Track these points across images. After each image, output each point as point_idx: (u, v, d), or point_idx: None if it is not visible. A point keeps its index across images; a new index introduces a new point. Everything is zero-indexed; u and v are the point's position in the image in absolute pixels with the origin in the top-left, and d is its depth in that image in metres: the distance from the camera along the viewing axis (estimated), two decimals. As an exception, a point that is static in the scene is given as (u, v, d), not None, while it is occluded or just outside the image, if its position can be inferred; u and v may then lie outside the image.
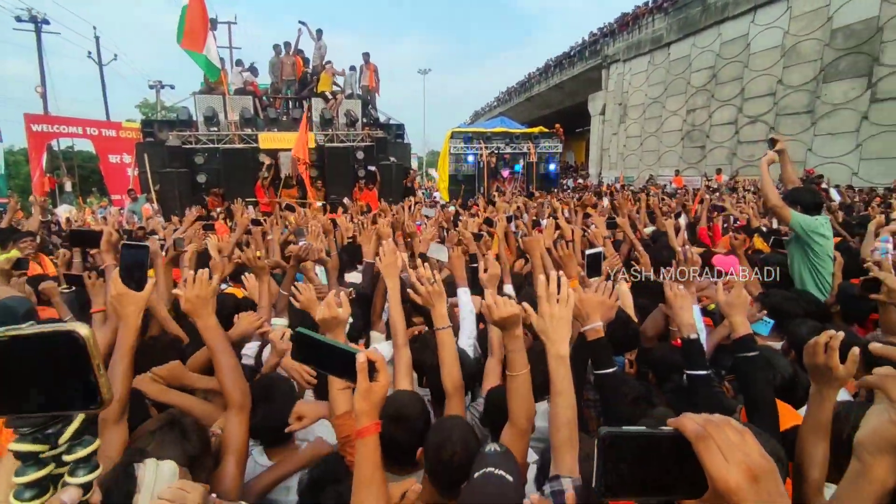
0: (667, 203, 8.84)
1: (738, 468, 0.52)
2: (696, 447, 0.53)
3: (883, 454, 0.60)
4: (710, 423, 0.55)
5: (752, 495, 0.51)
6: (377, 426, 1.09)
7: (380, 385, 1.08)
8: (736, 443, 0.53)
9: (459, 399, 1.73)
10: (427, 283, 1.83)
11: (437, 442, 1.42)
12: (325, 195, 12.73)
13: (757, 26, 17.07)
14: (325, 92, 13.62)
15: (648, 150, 23.36)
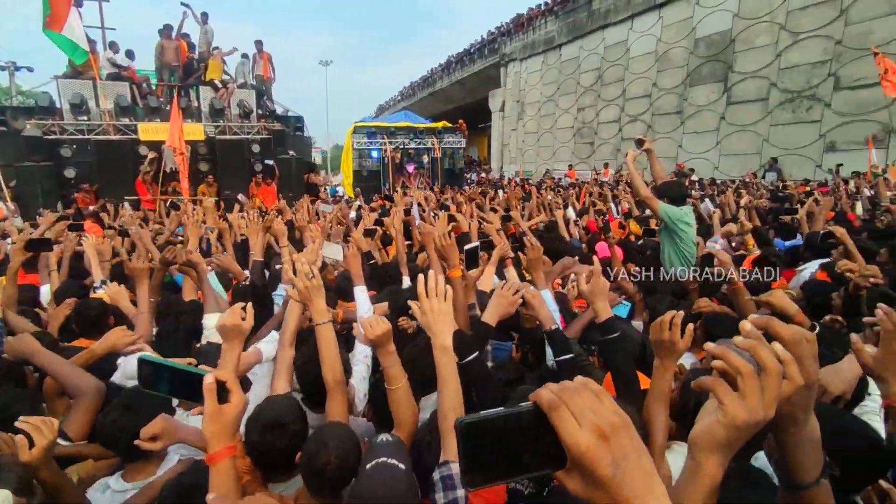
0: (559, 195, 9.42)
1: (589, 429, 0.52)
2: (550, 416, 0.53)
3: (712, 452, 0.66)
4: (564, 390, 0.54)
5: (605, 453, 0.51)
6: (230, 450, 1.04)
7: (232, 406, 1.03)
8: (589, 405, 0.54)
9: (342, 393, 1.73)
10: (305, 278, 1.79)
11: (312, 450, 1.40)
12: (219, 191, 11.92)
13: (635, 33, 18.69)
14: (215, 80, 12.71)
15: (544, 145, 24.68)
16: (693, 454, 0.68)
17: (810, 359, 0.67)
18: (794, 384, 0.62)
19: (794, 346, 0.65)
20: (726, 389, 0.64)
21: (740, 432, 0.63)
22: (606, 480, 0.51)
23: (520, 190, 10.60)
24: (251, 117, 12.95)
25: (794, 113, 13.62)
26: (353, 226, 5.72)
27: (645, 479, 0.53)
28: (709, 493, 0.68)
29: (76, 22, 10.16)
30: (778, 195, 8.27)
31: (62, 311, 2.78)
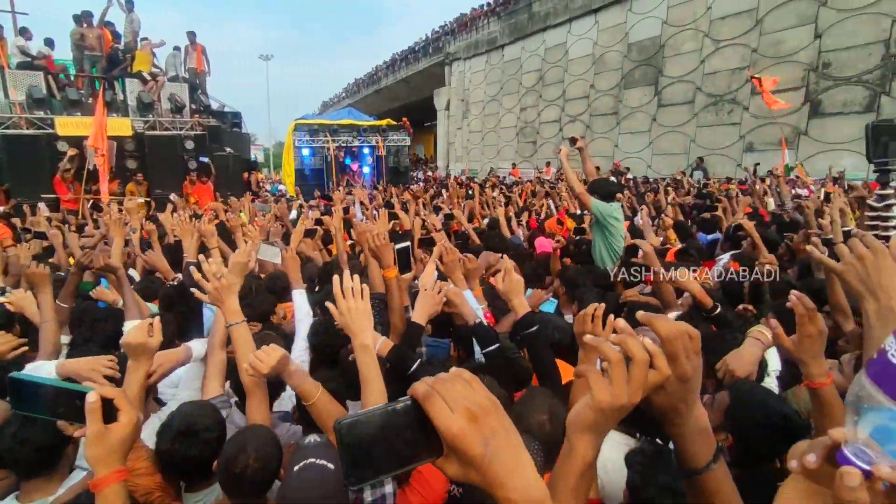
0: (502, 193, 9.61)
1: (461, 413, 0.55)
2: (425, 406, 0.56)
3: (583, 433, 0.71)
4: (437, 381, 0.58)
5: (475, 434, 0.55)
6: (118, 475, 0.94)
7: (120, 426, 0.93)
8: (461, 392, 0.57)
9: (263, 393, 1.69)
10: (214, 278, 1.73)
11: (230, 454, 1.36)
12: (149, 190, 11.26)
13: (573, 36, 19.34)
14: (143, 72, 11.97)
15: (489, 144, 25.07)
16: (567, 436, 0.74)
17: (689, 353, 0.71)
18: (661, 374, 0.67)
19: (669, 342, 0.70)
20: (597, 377, 0.68)
21: (606, 415, 0.68)
22: (478, 458, 0.55)
23: (460, 189, 10.71)
24: (184, 112, 12.30)
25: (717, 115, 14.60)
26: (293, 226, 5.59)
27: (513, 454, 0.57)
28: (581, 472, 0.72)
29: (-20, 5, 9.29)
30: (701, 192, 8.84)
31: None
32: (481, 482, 0.56)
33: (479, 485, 0.57)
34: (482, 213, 7.08)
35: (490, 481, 0.56)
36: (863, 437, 0.49)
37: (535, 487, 0.58)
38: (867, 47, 11.32)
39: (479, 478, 0.56)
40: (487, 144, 25.17)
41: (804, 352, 1.30)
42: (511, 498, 0.56)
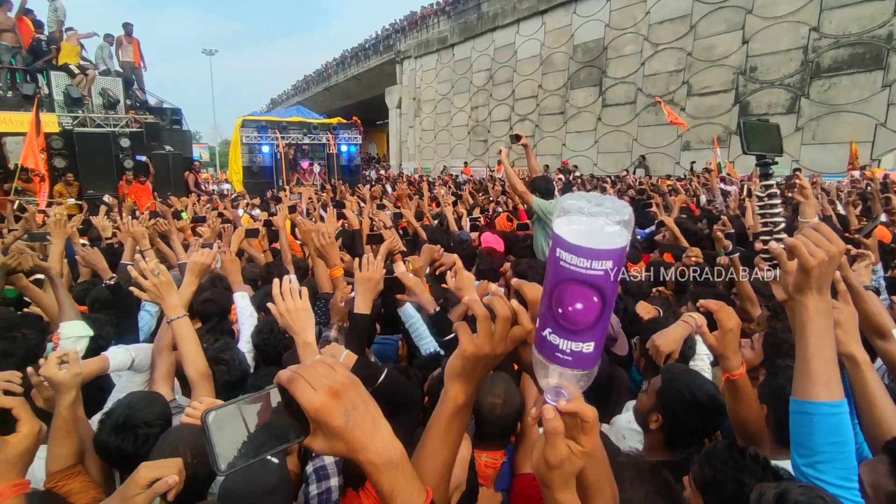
0: (450, 192, 9.69)
1: (322, 391, 0.61)
2: (290, 389, 0.61)
3: (453, 379, 0.79)
4: (300, 367, 0.63)
5: (337, 408, 0.61)
6: (15, 489, 0.91)
7: (20, 436, 0.90)
8: (323, 373, 0.63)
9: (208, 387, 1.69)
10: (152, 275, 1.72)
11: (165, 452, 1.30)
12: (80, 190, 10.60)
13: (521, 37, 19.73)
14: (70, 65, 11.24)
15: (441, 142, 25.19)
16: (444, 382, 0.82)
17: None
18: (524, 329, 0.75)
19: (533, 304, 0.78)
20: (464, 329, 0.75)
21: (471, 362, 0.75)
22: (340, 429, 0.61)
23: (407, 186, 10.72)
24: (117, 108, 11.66)
25: (657, 115, 15.28)
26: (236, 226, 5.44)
27: (372, 422, 0.64)
28: (451, 414, 0.80)
29: None
30: (640, 188, 9.26)
31: None
32: (345, 450, 0.62)
33: (343, 454, 0.62)
34: (433, 210, 7.12)
35: (352, 447, 0.62)
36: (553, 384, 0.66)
37: (392, 448, 0.64)
38: (788, 53, 12.20)
39: (342, 446, 0.62)
40: (440, 143, 25.28)
41: (726, 346, 1.43)
42: (371, 459, 0.62)
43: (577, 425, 0.66)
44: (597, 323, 0.61)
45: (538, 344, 0.66)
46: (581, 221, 0.58)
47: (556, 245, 0.60)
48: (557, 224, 0.60)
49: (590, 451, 0.67)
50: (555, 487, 0.69)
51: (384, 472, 0.63)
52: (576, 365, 0.63)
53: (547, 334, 0.64)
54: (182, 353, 1.70)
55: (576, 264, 0.58)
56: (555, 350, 0.63)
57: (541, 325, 0.65)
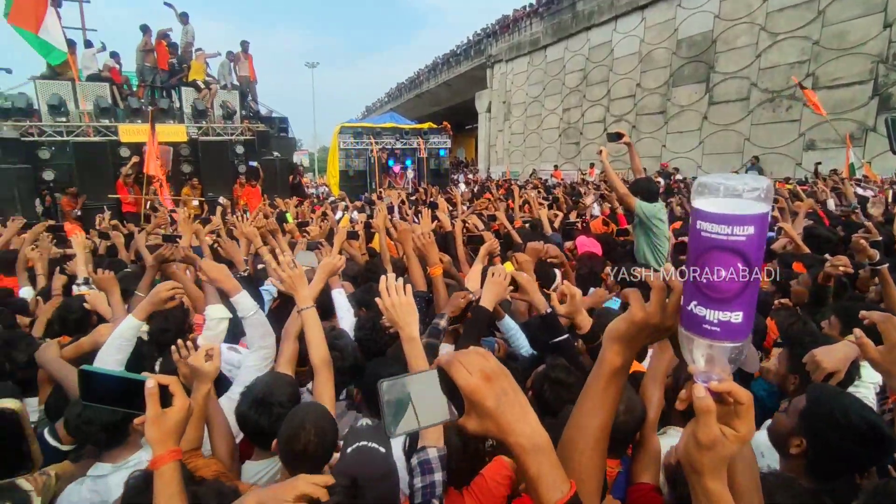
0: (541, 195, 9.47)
1: (476, 374, 0.67)
2: (448, 370, 0.68)
3: (613, 342, 0.81)
4: (457, 353, 0.71)
5: (490, 390, 0.67)
6: (173, 454, 1.03)
7: (175, 410, 1.03)
8: (477, 360, 0.69)
9: (328, 373, 1.80)
10: (288, 268, 1.91)
11: (289, 432, 1.42)
12: (202, 192, 11.79)
13: (618, 34, 18.87)
14: (198, 81, 12.57)
15: (531, 146, 24.80)
16: (603, 344, 0.84)
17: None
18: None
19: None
20: (637, 295, 0.78)
21: (636, 328, 0.78)
22: (492, 410, 0.67)
23: (499, 190, 10.64)
24: (234, 118, 12.82)
25: (774, 112, 13.85)
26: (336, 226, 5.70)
27: (521, 409, 0.69)
28: (608, 376, 0.82)
29: (53, 23, 9.99)
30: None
31: (48, 311, 2.87)
32: (496, 431, 0.68)
33: (493, 434, 0.68)
34: (524, 214, 6.99)
35: (502, 429, 0.68)
36: (702, 361, 0.66)
37: (539, 434, 0.69)
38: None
39: (493, 426, 0.68)
40: (529, 146, 24.91)
41: (893, 363, 1.26)
42: (520, 442, 0.68)
43: (729, 412, 0.66)
44: (743, 291, 0.61)
45: (685, 320, 0.67)
46: (720, 191, 0.60)
47: (695, 218, 0.62)
48: (695, 198, 0.62)
49: (744, 436, 0.66)
50: (705, 472, 0.67)
51: (531, 455, 0.67)
52: (725, 336, 0.63)
53: (692, 307, 0.65)
54: (309, 340, 1.84)
55: (717, 232, 0.60)
56: (702, 322, 0.64)
57: (685, 300, 0.67)
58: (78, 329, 2.59)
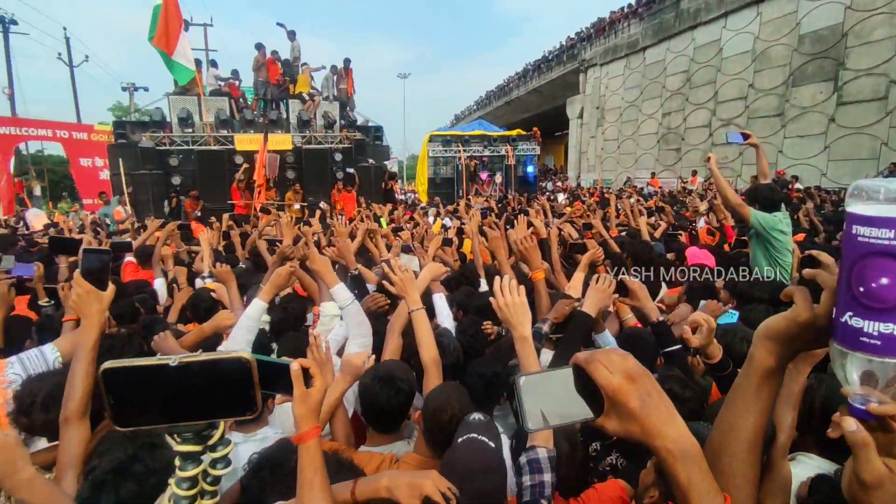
0: (639, 203, 8.97)
1: (619, 374, 0.66)
2: (587, 369, 0.67)
3: (765, 339, 0.75)
4: (597, 352, 0.69)
5: (633, 390, 0.65)
6: (317, 430, 1.12)
7: (316, 389, 1.10)
8: (618, 360, 0.67)
9: (438, 371, 1.89)
10: (399, 272, 2.03)
11: (436, 404, 1.55)
12: (304, 197, 12.60)
13: (729, 31, 17.49)
14: (303, 93, 13.49)
15: (626, 152, 23.71)
16: (752, 344, 0.78)
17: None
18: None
19: None
20: (805, 294, 0.71)
21: (799, 328, 0.71)
22: (636, 412, 0.65)
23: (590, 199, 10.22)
24: (334, 127, 13.58)
25: (921, 112, 12.05)
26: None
27: (667, 412, 0.67)
28: (759, 377, 0.76)
29: (184, 45, 11.25)
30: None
31: (181, 300, 3.24)
32: (639, 433, 0.65)
33: (637, 436, 0.66)
34: (621, 222, 6.65)
35: (647, 431, 0.65)
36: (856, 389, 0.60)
37: (688, 438, 0.66)
38: None
39: (637, 428, 0.65)
40: (624, 153, 23.84)
41: None
42: (666, 446, 0.65)
43: (894, 441, 0.59)
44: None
45: (838, 334, 0.63)
46: (879, 194, 0.57)
47: (850, 223, 0.59)
48: (850, 203, 0.59)
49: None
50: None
51: (680, 461, 0.64)
52: (887, 351, 0.58)
53: (848, 318, 0.60)
54: (419, 340, 1.94)
55: (877, 237, 0.56)
56: (859, 335, 0.59)
57: (839, 311, 0.62)
58: (207, 316, 2.80)
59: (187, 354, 0.67)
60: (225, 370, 0.70)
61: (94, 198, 15.36)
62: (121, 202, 11.59)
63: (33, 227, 10.64)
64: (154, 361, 0.68)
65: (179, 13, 11.20)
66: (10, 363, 1.78)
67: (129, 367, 0.69)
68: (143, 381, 0.69)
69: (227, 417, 0.75)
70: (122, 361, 0.68)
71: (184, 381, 0.69)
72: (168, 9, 10.63)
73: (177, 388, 0.69)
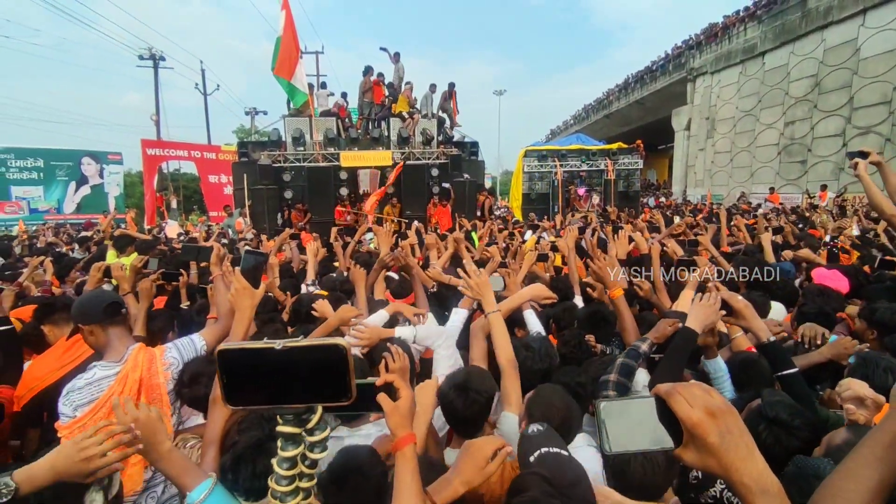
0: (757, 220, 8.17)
1: (699, 409, 0.67)
2: (668, 402, 0.69)
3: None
4: (679, 385, 0.70)
5: (713, 427, 0.66)
6: (411, 437, 1.17)
7: (404, 400, 1.16)
8: (700, 394, 0.68)
9: (515, 373, 1.92)
10: (475, 275, 2.12)
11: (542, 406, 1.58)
12: (401, 211, 13.10)
13: (868, 30, 15.51)
14: (402, 112, 14.14)
15: (739, 165, 21.79)
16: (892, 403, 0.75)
17: None
18: None
19: None
20: None
21: None
22: (715, 447, 0.66)
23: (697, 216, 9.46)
24: (432, 144, 14.02)
25: None
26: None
27: (747, 449, 0.67)
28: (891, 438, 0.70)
29: (300, 72, 12.35)
30: None
31: (288, 303, 3.53)
32: (717, 467, 0.66)
33: (714, 471, 0.67)
34: (734, 239, 6.10)
35: (726, 466, 0.66)
36: None
37: (768, 476, 0.66)
38: None
39: (715, 463, 0.66)
40: (737, 166, 21.91)
41: None
42: (745, 482, 0.65)
43: None
44: None
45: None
46: None
47: None
48: None
49: None
50: None
51: (759, 497, 0.64)
52: None
53: None
54: (495, 342, 1.99)
55: None
56: None
57: None
58: (307, 320, 3.03)
59: (291, 339, 0.71)
60: (323, 356, 0.73)
61: (219, 210, 17.23)
62: (241, 214, 12.88)
63: (168, 236, 12.17)
64: (262, 345, 0.72)
65: (298, 44, 12.34)
66: (168, 348, 2.08)
67: (240, 350, 0.73)
68: (252, 362, 0.73)
69: (324, 402, 0.77)
70: (236, 343, 0.74)
71: (287, 365, 0.72)
72: (287, 40, 11.75)
73: (280, 371, 0.73)
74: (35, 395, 2.37)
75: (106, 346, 1.95)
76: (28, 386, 2.39)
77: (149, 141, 19.42)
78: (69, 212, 21.60)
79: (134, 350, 1.97)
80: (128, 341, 2.02)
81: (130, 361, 1.92)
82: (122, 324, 2.02)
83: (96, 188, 22.59)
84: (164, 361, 2.00)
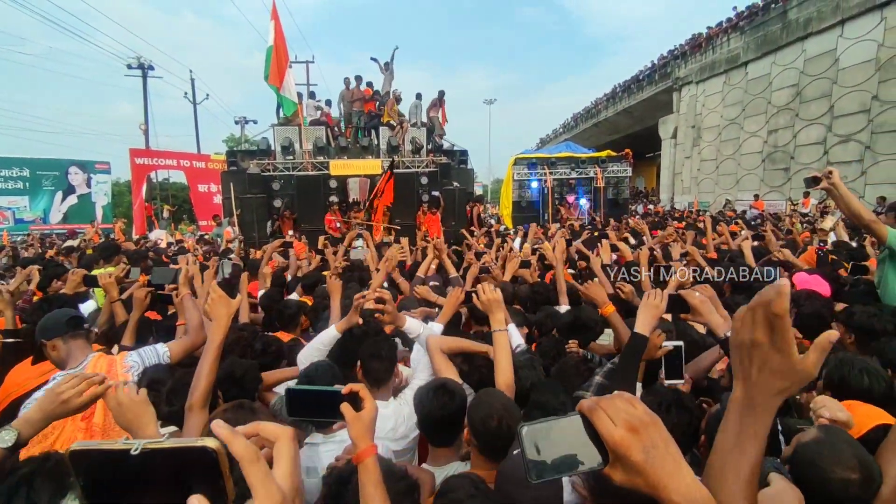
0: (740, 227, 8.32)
1: (622, 425, 0.63)
2: (590, 418, 0.65)
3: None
4: (602, 399, 0.67)
5: (636, 443, 0.62)
6: (373, 448, 1.16)
7: (367, 411, 1.15)
8: (623, 407, 0.65)
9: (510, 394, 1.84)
10: (490, 291, 2.11)
11: (481, 414, 1.56)
12: (390, 219, 13.13)
13: (846, 40, 15.91)
14: (391, 121, 14.22)
15: (725, 173, 22.13)
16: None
17: None
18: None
19: None
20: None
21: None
22: (640, 465, 0.62)
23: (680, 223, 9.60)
24: (421, 152, 14.09)
25: None
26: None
27: (674, 463, 0.64)
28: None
29: (290, 81, 12.40)
30: None
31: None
32: (645, 486, 0.63)
33: (643, 490, 0.63)
34: (723, 246, 6.21)
35: (653, 484, 0.63)
36: None
37: (697, 489, 0.63)
38: None
39: (642, 482, 0.63)
40: (723, 174, 22.26)
41: None
42: (673, 499, 0.62)
43: None
44: None
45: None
46: None
47: None
48: None
49: None
50: None
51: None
52: None
53: None
54: (497, 363, 1.95)
55: None
56: None
57: None
58: (290, 322, 3.19)
59: (152, 441, 0.60)
60: (190, 459, 0.61)
61: (208, 219, 17.13)
62: (230, 223, 12.82)
63: (156, 244, 12.05)
64: (118, 446, 0.61)
65: (287, 54, 12.40)
66: (129, 354, 2.18)
67: (92, 451, 0.61)
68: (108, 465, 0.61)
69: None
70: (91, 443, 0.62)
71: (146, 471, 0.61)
72: (278, 50, 11.81)
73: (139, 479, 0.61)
74: (13, 401, 2.38)
75: (67, 357, 2.04)
76: (6, 391, 2.40)
77: (137, 150, 19.31)
78: (55, 222, 21.38)
79: (93, 358, 2.06)
80: (88, 351, 2.10)
81: (90, 367, 2.01)
82: (82, 336, 2.10)
83: (83, 198, 22.39)
84: (125, 364, 2.09)
